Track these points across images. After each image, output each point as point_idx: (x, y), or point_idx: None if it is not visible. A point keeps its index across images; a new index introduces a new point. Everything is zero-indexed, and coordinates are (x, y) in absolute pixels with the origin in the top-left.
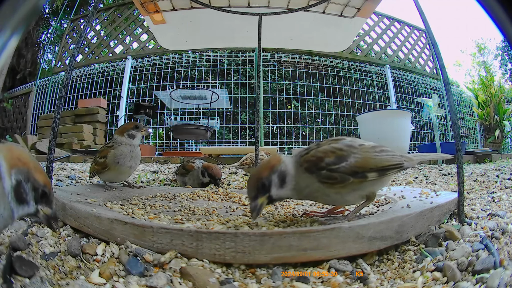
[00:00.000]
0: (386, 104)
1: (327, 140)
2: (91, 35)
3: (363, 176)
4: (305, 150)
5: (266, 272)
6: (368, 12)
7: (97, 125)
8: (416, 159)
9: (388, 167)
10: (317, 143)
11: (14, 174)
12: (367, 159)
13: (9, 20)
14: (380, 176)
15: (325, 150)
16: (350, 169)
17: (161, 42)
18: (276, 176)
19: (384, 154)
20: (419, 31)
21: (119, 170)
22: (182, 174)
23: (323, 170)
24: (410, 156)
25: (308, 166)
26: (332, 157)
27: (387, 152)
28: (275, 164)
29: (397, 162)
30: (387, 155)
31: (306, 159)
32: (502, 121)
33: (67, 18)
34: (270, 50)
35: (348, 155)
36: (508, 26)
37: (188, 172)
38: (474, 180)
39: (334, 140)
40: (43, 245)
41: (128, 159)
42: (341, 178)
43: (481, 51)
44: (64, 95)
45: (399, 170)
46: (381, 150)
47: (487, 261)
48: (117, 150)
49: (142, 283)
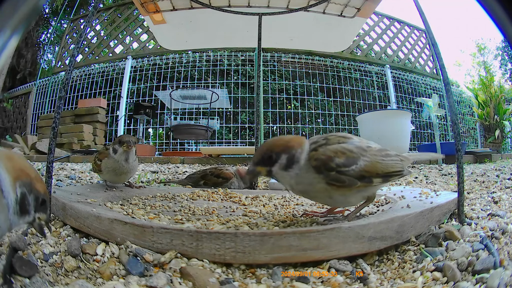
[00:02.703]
0: (386, 104)
1: (334, 136)
2: (91, 35)
3: (370, 181)
4: (313, 144)
5: (266, 272)
6: (368, 12)
7: (97, 125)
8: (411, 158)
9: (392, 174)
10: (324, 137)
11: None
12: (375, 163)
13: (9, 20)
14: (384, 182)
15: (335, 150)
16: (359, 173)
17: (161, 42)
18: (286, 158)
19: (389, 159)
20: (419, 31)
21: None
22: (217, 183)
23: (333, 171)
24: (406, 155)
25: (317, 165)
26: (343, 158)
27: (391, 157)
28: (293, 146)
29: (399, 168)
30: (391, 160)
31: (315, 157)
32: (502, 121)
33: (67, 18)
34: (270, 50)
35: (358, 158)
36: (508, 26)
37: (228, 181)
38: (474, 180)
39: (342, 137)
40: (43, 245)
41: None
42: (349, 181)
43: (481, 51)
44: (64, 95)
45: (400, 177)
46: (386, 154)
47: (487, 261)
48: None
49: (142, 283)
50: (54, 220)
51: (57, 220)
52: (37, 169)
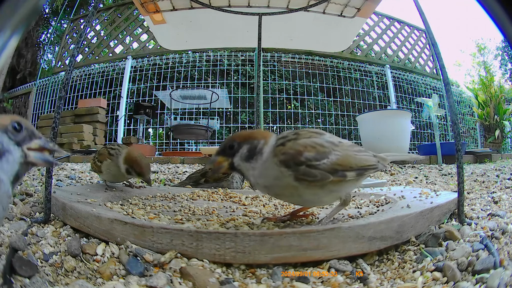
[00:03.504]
0: (386, 104)
1: (306, 131)
2: (91, 35)
3: (343, 175)
4: (281, 139)
5: (266, 272)
6: (368, 12)
7: (97, 125)
8: (389, 159)
9: (367, 167)
10: (295, 132)
11: None
12: (347, 157)
13: (9, 20)
14: (358, 176)
15: (305, 144)
16: (331, 166)
17: (161, 42)
18: (246, 148)
19: (362, 154)
20: (419, 31)
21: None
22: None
23: (302, 165)
24: (383, 156)
25: (285, 159)
26: (313, 152)
27: (364, 152)
28: (256, 137)
29: (373, 163)
30: (364, 155)
31: (283, 151)
32: (502, 121)
33: (67, 18)
34: (270, 50)
35: (329, 152)
36: (508, 26)
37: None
38: (474, 180)
39: (314, 132)
40: (43, 245)
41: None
42: (321, 176)
43: (481, 51)
44: (64, 95)
45: (374, 171)
46: (359, 149)
47: (487, 261)
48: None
49: (142, 283)
50: (54, 220)
51: (57, 220)
52: (37, 169)
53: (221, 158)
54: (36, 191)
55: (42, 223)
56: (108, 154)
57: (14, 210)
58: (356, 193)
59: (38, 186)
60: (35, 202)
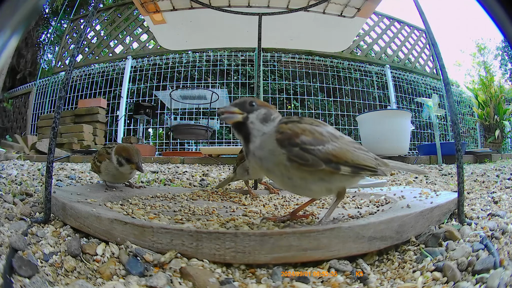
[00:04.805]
0: (386, 104)
1: (310, 119)
2: (91, 35)
3: (337, 167)
4: (286, 118)
5: (266, 272)
6: (368, 12)
7: (97, 125)
8: (392, 165)
9: (363, 167)
10: (300, 116)
11: None
12: (344, 151)
13: (9, 20)
14: (353, 173)
15: (304, 128)
16: (325, 155)
17: (161, 42)
18: (264, 112)
19: (361, 152)
20: (419, 31)
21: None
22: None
23: (296, 147)
24: (385, 161)
25: (281, 138)
26: (310, 137)
27: (364, 151)
28: (272, 108)
29: (372, 165)
30: (364, 153)
31: (281, 130)
32: (502, 121)
33: (67, 18)
34: (270, 50)
35: (326, 141)
36: (508, 26)
37: None
38: (474, 180)
39: (318, 122)
40: (43, 245)
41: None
42: (312, 161)
43: (481, 51)
44: (64, 95)
45: (372, 174)
46: (359, 147)
47: (487, 261)
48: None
49: (142, 283)
50: (54, 220)
51: (57, 220)
52: (37, 169)
53: (237, 110)
54: (36, 191)
55: (42, 223)
56: (107, 154)
57: (14, 210)
58: (356, 193)
59: (38, 186)
60: (35, 202)
